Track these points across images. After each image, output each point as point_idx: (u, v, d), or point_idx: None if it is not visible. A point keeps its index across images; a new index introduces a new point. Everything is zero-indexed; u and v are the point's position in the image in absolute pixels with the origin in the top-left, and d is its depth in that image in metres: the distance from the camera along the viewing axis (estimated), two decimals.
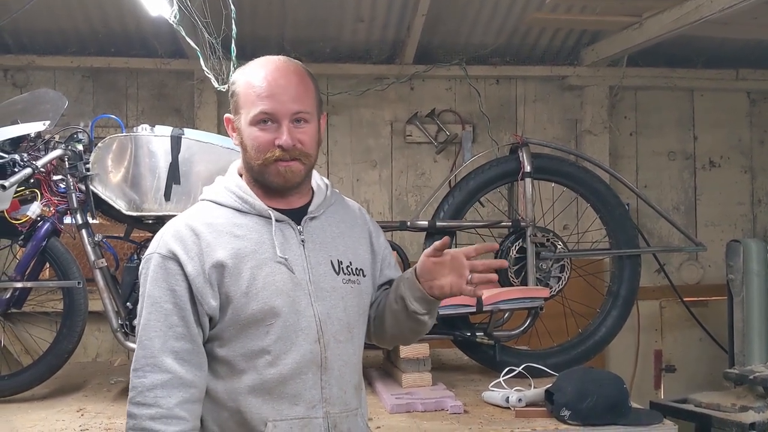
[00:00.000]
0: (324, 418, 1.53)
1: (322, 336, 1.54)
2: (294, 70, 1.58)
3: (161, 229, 1.60)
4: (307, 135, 1.56)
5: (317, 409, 1.52)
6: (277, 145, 1.53)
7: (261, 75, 1.55)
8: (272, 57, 1.61)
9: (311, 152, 1.58)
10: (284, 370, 1.50)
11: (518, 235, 3.22)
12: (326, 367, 1.54)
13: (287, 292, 1.52)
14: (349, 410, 1.57)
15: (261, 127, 1.54)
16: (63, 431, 2.43)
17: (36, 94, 3.15)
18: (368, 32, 4.67)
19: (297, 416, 1.51)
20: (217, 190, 1.64)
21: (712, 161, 5.22)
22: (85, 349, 4.41)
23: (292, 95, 1.54)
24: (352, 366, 1.60)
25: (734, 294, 3.52)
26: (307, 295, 1.54)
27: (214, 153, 2.82)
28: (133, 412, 1.47)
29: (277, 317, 1.51)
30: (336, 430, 1.54)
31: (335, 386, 1.55)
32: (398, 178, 4.94)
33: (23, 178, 2.74)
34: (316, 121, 1.59)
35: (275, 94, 1.53)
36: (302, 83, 1.57)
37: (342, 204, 1.74)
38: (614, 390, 2.45)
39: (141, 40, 4.57)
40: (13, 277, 2.89)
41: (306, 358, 1.52)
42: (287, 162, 1.54)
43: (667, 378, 4.89)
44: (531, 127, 4.96)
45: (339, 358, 1.56)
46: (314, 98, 1.60)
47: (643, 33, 4.27)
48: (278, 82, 1.54)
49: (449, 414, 2.54)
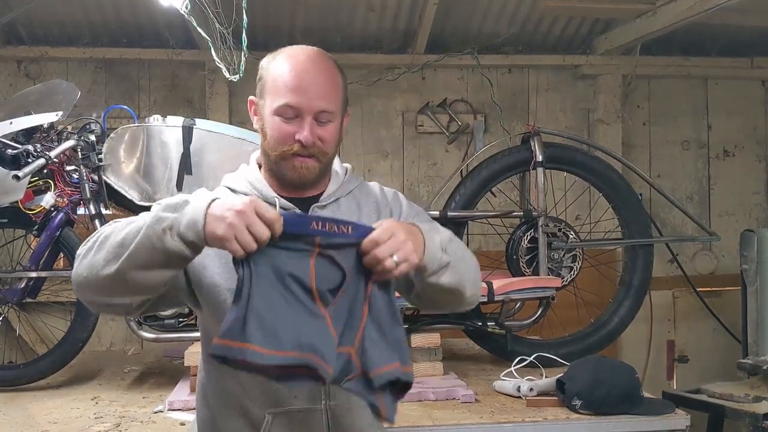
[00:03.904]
0: (325, 410, 1.50)
1: None
2: (325, 67, 1.54)
3: None
4: (329, 134, 1.53)
5: (317, 401, 1.50)
6: (296, 140, 1.50)
7: (292, 65, 1.52)
8: (307, 47, 1.57)
9: (330, 151, 1.56)
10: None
11: (530, 225, 3.21)
12: None
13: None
14: (352, 403, 1.53)
15: (284, 119, 1.51)
16: (78, 419, 2.46)
17: (49, 85, 3.17)
18: (379, 21, 4.65)
19: (297, 408, 1.49)
20: (235, 177, 1.65)
21: (727, 150, 5.18)
22: (99, 338, 4.45)
23: (320, 92, 1.51)
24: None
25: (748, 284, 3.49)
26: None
27: (225, 143, 2.83)
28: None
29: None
30: (338, 422, 1.51)
31: None
32: (410, 168, 4.94)
33: (37, 168, 2.76)
34: (339, 119, 1.56)
35: (302, 88, 1.50)
36: (331, 81, 1.54)
37: (363, 190, 1.69)
38: (626, 380, 2.44)
39: (153, 31, 4.57)
40: (28, 267, 2.92)
41: None
42: (304, 158, 1.52)
43: (680, 368, 4.88)
44: (543, 116, 4.93)
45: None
46: (341, 97, 1.57)
47: (657, 21, 4.23)
48: (308, 75, 1.51)
49: (460, 403, 2.54)
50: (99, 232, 1.41)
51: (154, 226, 1.30)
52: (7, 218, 2.96)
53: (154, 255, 1.31)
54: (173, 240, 1.29)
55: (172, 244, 1.29)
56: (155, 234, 1.30)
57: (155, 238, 1.30)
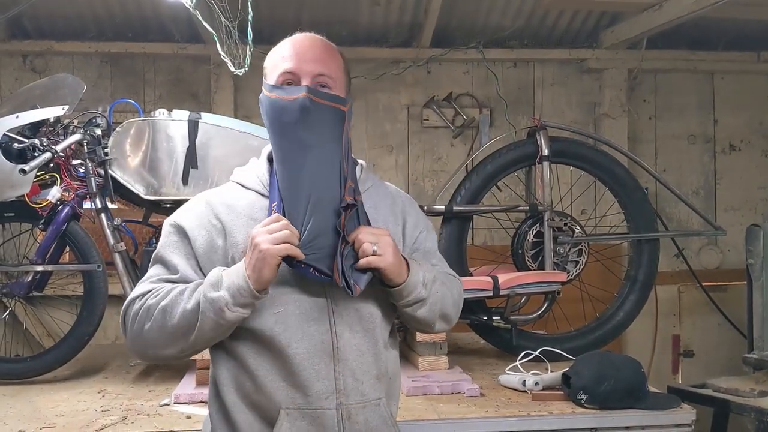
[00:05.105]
0: (337, 409, 1.50)
1: (334, 326, 1.51)
2: (321, 40, 1.59)
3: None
4: None
5: (330, 400, 1.50)
6: None
7: (287, 42, 1.58)
8: (303, 33, 1.61)
9: None
10: (295, 359, 1.48)
11: (535, 220, 3.20)
12: (339, 358, 1.51)
13: (299, 280, 1.51)
14: (366, 401, 1.54)
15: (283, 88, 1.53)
16: (84, 411, 2.47)
17: (55, 79, 3.17)
18: (385, 15, 4.65)
19: (309, 406, 1.49)
20: (245, 172, 1.65)
21: (733, 145, 5.16)
22: (105, 331, 4.46)
23: (317, 56, 1.54)
24: (370, 356, 1.55)
25: (754, 279, 3.48)
26: (320, 284, 1.51)
27: (230, 137, 2.83)
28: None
29: (286, 305, 1.50)
30: (350, 421, 1.51)
31: (349, 377, 1.51)
32: (415, 162, 4.93)
33: (43, 162, 2.76)
34: (341, 91, 1.57)
35: (299, 54, 1.54)
36: (327, 50, 1.58)
37: (378, 190, 1.69)
38: (631, 374, 2.44)
39: (158, 25, 4.58)
40: (34, 261, 2.93)
41: (317, 348, 1.50)
42: None
43: (685, 363, 4.87)
44: (549, 110, 4.93)
45: (355, 348, 1.53)
46: (341, 69, 1.59)
47: (663, 15, 4.22)
48: (303, 44, 1.56)
49: (466, 397, 2.54)
50: (141, 303, 1.53)
51: (210, 308, 1.43)
52: (13, 212, 2.97)
53: (218, 330, 1.46)
54: (232, 312, 1.43)
55: (233, 317, 1.44)
56: (215, 313, 1.43)
57: (217, 317, 1.43)
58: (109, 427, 2.26)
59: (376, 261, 1.48)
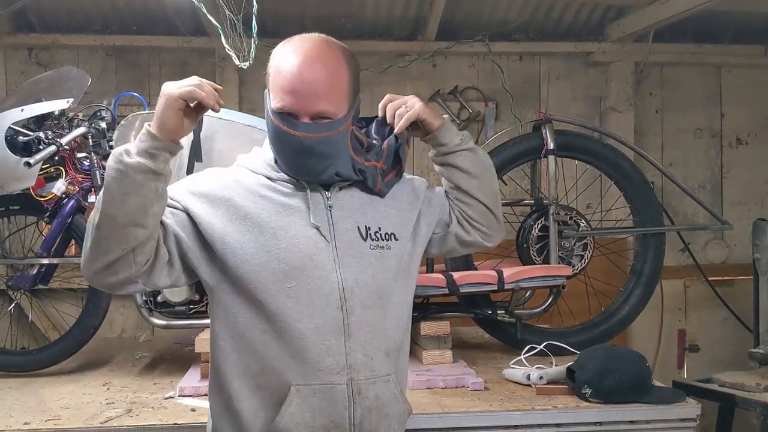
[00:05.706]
0: (348, 384, 1.51)
1: (345, 302, 1.52)
2: (326, 61, 1.52)
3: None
4: None
5: (341, 375, 1.51)
6: None
7: (291, 63, 1.51)
8: (314, 38, 1.55)
9: None
10: (306, 334, 1.50)
11: (541, 214, 3.19)
12: (350, 334, 1.52)
13: (311, 256, 1.52)
14: (376, 376, 1.55)
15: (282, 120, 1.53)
16: (90, 404, 2.47)
17: (60, 72, 3.18)
18: (390, 8, 4.63)
19: (320, 382, 1.50)
20: (252, 157, 1.67)
21: (740, 139, 5.14)
22: (110, 324, 4.48)
23: (317, 92, 1.50)
24: (381, 332, 1.57)
25: (760, 273, 3.47)
26: (332, 260, 1.53)
27: (235, 130, 2.82)
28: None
29: (298, 280, 1.51)
30: (360, 396, 1.52)
31: (359, 352, 1.53)
32: (420, 156, 4.92)
33: (48, 155, 2.77)
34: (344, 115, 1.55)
35: (298, 91, 1.49)
36: (331, 78, 1.52)
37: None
38: (636, 368, 2.43)
39: (163, 18, 4.57)
40: (40, 254, 2.94)
41: (328, 324, 1.51)
42: None
43: (691, 358, 4.86)
44: (555, 104, 4.91)
45: (366, 324, 1.54)
46: (345, 92, 1.55)
47: (670, 8, 4.19)
48: (304, 76, 1.49)
49: (470, 391, 2.54)
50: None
51: (112, 159, 1.43)
52: (18, 205, 2.98)
53: (124, 183, 1.41)
54: (132, 158, 1.42)
55: (134, 162, 1.41)
56: (115, 161, 1.42)
57: (117, 164, 1.41)
58: (113, 420, 2.27)
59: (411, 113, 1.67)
